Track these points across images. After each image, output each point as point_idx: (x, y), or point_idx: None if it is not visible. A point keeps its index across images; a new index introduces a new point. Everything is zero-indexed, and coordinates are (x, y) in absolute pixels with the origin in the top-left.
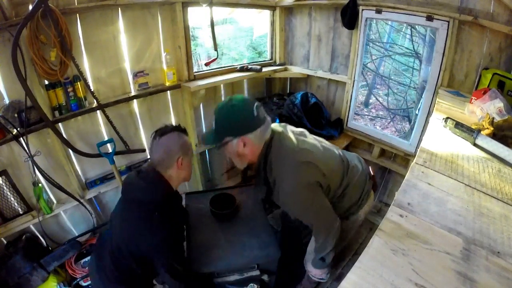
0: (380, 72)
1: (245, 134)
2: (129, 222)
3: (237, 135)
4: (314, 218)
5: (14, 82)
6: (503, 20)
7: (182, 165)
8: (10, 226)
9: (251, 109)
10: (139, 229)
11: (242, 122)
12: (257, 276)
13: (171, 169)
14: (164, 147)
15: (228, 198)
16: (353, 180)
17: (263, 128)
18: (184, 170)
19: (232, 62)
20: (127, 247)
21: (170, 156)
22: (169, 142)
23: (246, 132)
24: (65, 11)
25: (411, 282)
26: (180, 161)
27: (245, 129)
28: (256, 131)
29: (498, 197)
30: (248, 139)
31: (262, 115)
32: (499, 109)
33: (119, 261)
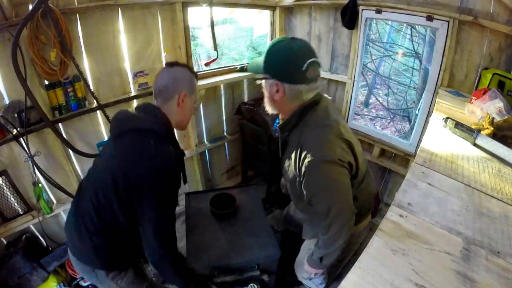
0: (380, 72)
1: (282, 81)
2: (120, 150)
3: (275, 77)
4: (333, 199)
5: (14, 82)
6: (503, 20)
7: (183, 102)
8: (10, 226)
9: (302, 62)
10: (131, 154)
11: (285, 67)
12: (257, 276)
13: (170, 101)
14: (171, 76)
15: (228, 198)
16: (367, 187)
17: (303, 87)
18: (182, 110)
19: (232, 62)
20: (114, 184)
21: (174, 86)
22: (178, 73)
23: (284, 79)
24: (65, 11)
25: (411, 282)
26: (182, 96)
27: (285, 76)
28: (294, 85)
29: (498, 197)
30: (283, 88)
31: (311, 75)
32: (499, 109)
33: (103, 210)
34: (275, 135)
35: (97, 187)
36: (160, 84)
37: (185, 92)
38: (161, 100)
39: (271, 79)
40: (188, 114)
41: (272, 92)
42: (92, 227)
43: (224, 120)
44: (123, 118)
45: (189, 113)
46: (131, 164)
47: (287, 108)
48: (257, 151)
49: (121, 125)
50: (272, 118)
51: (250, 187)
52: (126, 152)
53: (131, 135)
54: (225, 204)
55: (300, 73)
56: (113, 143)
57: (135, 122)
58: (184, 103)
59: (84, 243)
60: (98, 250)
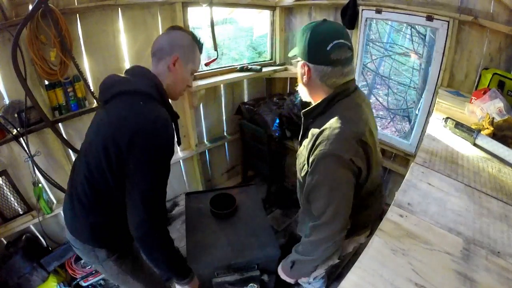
0: (380, 72)
1: (308, 62)
2: (108, 115)
3: (302, 56)
4: (333, 199)
5: (14, 82)
6: (503, 20)
7: (175, 66)
8: (10, 226)
9: (327, 43)
10: (119, 117)
11: (311, 47)
12: (257, 276)
13: (162, 62)
14: (169, 38)
15: (228, 198)
16: (375, 203)
17: (329, 70)
18: (173, 75)
19: (232, 62)
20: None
21: (170, 47)
22: (176, 36)
23: (310, 60)
24: (65, 11)
25: (411, 282)
26: (174, 59)
27: (310, 57)
28: (318, 66)
29: (498, 197)
30: (308, 68)
31: (336, 57)
32: (499, 109)
33: (97, 183)
34: (275, 135)
35: (89, 160)
36: (157, 45)
37: (178, 56)
38: (154, 61)
39: (301, 60)
40: (179, 82)
41: (302, 73)
42: (87, 203)
43: (224, 120)
44: (110, 83)
45: (180, 82)
46: (119, 126)
47: (316, 93)
48: (257, 151)
49: (109, 90)
50: (272, 118)
51: (250, 187)
52: (114, 116)
53: (119, 98)
54: (225, 204)
55: (324, 54)
56: (101, 110)
57: (123, 85)
58: (176, 68)
59: (81, 221)
60: (95, 227)
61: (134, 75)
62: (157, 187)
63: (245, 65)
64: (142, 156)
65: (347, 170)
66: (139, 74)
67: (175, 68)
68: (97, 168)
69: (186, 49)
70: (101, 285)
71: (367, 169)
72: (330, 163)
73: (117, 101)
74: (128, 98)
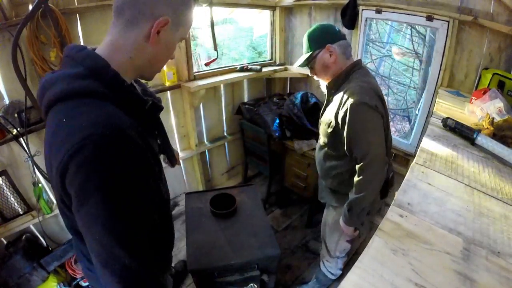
0: (380, 72)
1: (332, 43)
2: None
3: (325, 43)
4: (371, 143)
5: (14, 82)
6: (503, 20)
7: (159, 36)
8: (10, 226)
9: (334, 27)
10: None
11: (328, 33)
12: (257, 276)
13: (134, 31)
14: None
15: (228, 198)
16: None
17: (344, 43)
18: (154, 46)
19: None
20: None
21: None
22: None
23: (333, 41)
24: (65, 11)
25: (411, 282)
26: (160, 25)
27: (331, 38)
28: (338, 42)
29: (498, 197)
30: (334, 48)
31: (343, 34)
32: (499, 109)
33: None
34: (275, 135)
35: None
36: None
37: (167, 19)
38: (121, 24)
39: (322, 49)
40: (163, 57)
41: (326, 59)
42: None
43: (224, 120)
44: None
45: (162, 56)
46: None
47: (339, 68)
48: (257, 151)
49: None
50: (272, 118)
51: (250, 187)
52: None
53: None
54: (225, 204)
55: (338, 32)
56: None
57: (49, 92)
58: (160, 39)
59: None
60: None
61: (64, 65)
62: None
63: (245, 65)
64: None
65: (377, 115)
66: (67, 62)
67: (159, 39)
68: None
69: (179, 5)
70: None
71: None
72: (362, 111)
73: (49, 118)
74: (55, 113)
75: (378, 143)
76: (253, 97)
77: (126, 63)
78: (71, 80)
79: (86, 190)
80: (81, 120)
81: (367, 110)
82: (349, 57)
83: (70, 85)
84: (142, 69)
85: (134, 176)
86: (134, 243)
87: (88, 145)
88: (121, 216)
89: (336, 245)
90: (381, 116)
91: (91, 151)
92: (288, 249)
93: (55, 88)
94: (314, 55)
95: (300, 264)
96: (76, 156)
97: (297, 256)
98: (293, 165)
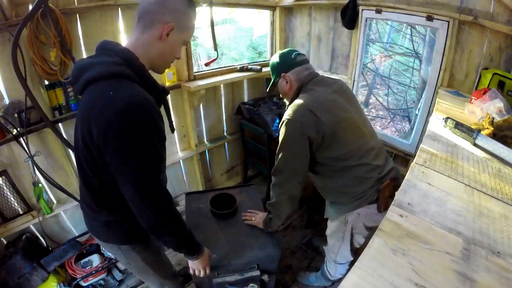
0: (380, 72)
1: (286, 72)
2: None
3: (279, 73)
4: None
5: (14, 82)
6: (503, 20)
7: (168, 36)
8: (10, 226)
9: (291, 54)
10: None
11: (284, 62)
12: (257, 276)
13: (150, 31)
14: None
15: (228, 198)
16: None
17: (299, 68)
18: (164, 47)
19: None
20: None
21: (160, 13)
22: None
23: (285, 71)
24: (65, 11)
25: (411, 282)
26: (168, 29)
27: (286, 68)
28: (293, 69)
29: (498, 197)
30: (287, 76)
31: (299, 59)
32: (499, 109)
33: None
34: (275, 135)
35: (80, 158)
36: (144, 8)
37: (173, 25)
38: (139, 28)
39: (280, 78)
40: (168, 54)
41: (283, 86)
42: (91, 203)
43: (224, 120)
44: (77, 71)
45: (170, 54)
46: (91, 119)
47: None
48: (257, 151)
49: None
50: (272, 118)
51: (250, 187)
52: (85, 109)
53: (88, 89)
54: (226, 204)
55: (291, 61)
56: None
57: (89, 73)
58: (169, 39)
59: (95, 220)
60: (109, 226)
61: (100, 54)
62: (148, 176)
63: (245, 65)
64: (122, 147)
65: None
66: (104, 53)
67: (168, 39)
68: (87, 165)
69: (181, 15)
70: (101, 285)
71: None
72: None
73: (86, 92)
74: (96, 87)
75: (289, 159)
76: (253, 97)
77: (143, 56)
78: (111, 65)
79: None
80: (123, 92)
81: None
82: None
83: (111, 68)
84: (154, 63)
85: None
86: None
87: (131, 108)
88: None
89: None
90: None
91: (133, 111)
92: (288, 249)
93: (96, 69)
94: (275, 82)
95: (300, 264)
96: (122, 115)
97: (297, 256)
98: None
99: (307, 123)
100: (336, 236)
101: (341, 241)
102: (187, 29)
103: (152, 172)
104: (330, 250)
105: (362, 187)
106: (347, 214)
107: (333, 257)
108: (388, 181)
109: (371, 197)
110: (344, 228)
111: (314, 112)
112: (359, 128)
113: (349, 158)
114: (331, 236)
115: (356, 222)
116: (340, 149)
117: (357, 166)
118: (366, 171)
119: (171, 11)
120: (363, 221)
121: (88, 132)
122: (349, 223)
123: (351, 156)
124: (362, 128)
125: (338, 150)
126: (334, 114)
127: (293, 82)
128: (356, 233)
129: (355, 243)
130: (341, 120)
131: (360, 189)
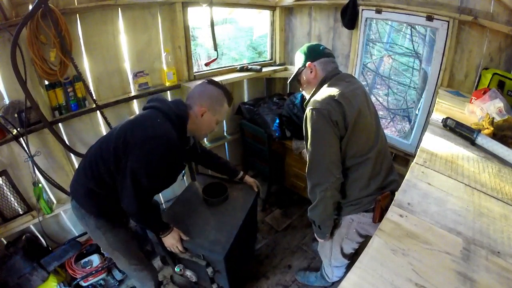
0: (380, 72)
1: (313, 61)
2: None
3: (306, 61)
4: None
5: (14, 82)
6: (503, 20)
7: (202, 117)
8: (10, 226)
9: (319, 46)
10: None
11: (312, 51)
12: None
13: (192, 109)
14: (202, 89)
15: (222, 188)
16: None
17: (325, 59)
18: (199, 122)
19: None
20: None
21: (200, 98)
22: (208, 90)
23: (312, 59)
24: (65, 11)
25: (411, 282)
26: (203, 110)
27: (313, 56)
28: (320, 59)
29: (498, 197)
30: (313, 66)
31: (327, 52)
32: (499, 109)
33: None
34: (275, 135)
35: (108, 140)
36: (191, 92)
37: (207, 109)
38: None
39: (304, 67)
40: (203, 129)
41: (308, 75)
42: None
43: (224, 120)
44: (154, 98)
45: (205, 129)
46: (133, 128)
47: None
48: (257, 151)
49: (149, 101)
50: (272, 118)
51: (250, 187)
52: (136, 119)
53: (149, 110)
54: (219, 194)
55: (320, 51)
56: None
57: (159, 103)
58: (203, 118)
59: (80, 184)
60: (90, 193)
61: (172, 103)
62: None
63: (245, 65)
64: (140, 155)
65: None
66: (175, 104)
67: (202, 118)
68: (108, 149)
69: (215, 102)
70: (101, 285)
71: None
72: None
73: (146, 112)
74: (152, 113)
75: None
76: (253, 97)
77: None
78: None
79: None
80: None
81: (315, 114)
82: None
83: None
84: (194, 131)
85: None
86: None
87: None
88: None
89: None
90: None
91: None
92: (288, 249)
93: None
94: (299, 71)
95: (300, 264)
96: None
97: (297, 256)
98: (293, 165)
99: (333, 111)
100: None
101: (331, 242)
102: (220, 112)
103: (151, 180)
104: (323, 252)
105: (360, 193)
106: (340, 217)
107: (327, 260)
108: (388, 193)
109: (367, 205)
110: (334, 230)
111: (340, 102)
112: (372, 133)
113: (356, 157)
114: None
115: (348, 227)
116: (351, 149)
117: (360, 167)
118: (367, 177)
119: (207, 100)
120: (356, 228)
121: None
122: (342, 227)
123: (358, 157)
124: (375, 133)
125: (351, 149)
126: (357, 110)
127: (318, 71)
128: (348, 238)
129: (344, 249)
130: (360, 120)
131: (357, 195)
